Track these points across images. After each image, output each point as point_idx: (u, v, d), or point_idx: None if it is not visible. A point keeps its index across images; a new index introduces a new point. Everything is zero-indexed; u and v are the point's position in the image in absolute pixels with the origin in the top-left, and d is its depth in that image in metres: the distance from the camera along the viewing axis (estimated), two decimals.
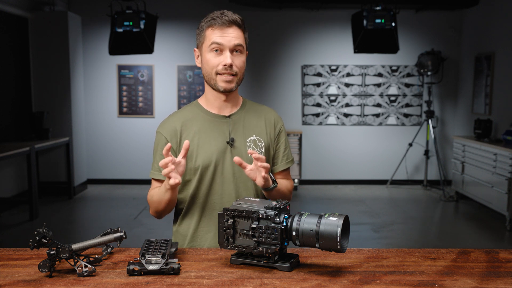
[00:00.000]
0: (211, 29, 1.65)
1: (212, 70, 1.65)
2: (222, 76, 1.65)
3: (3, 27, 5.98)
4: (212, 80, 1.67)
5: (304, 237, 1.35)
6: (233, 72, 1.65)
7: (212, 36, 1.64)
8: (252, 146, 1.73)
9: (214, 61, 1.64)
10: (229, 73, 1.64)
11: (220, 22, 1.63)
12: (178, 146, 1.69)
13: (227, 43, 1.63)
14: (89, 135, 7.33)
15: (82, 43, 7.03)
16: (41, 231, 1.36)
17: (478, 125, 6.09)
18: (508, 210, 5.14)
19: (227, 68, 1.63)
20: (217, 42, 1.63)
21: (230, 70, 1.64)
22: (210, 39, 1.64)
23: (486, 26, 6.61)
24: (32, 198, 5.41)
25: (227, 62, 1.62)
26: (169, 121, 1.74)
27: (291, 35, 7.34)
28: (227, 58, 1.62)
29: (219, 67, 1.64)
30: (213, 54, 1.64)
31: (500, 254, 1.57)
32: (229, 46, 1.63)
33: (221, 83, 1.66)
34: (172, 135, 1.70)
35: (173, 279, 1.33)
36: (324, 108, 7.41)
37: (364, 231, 5.08)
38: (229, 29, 1.64)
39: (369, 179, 7.49)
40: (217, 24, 1.64)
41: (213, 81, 1.67)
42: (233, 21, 1.65)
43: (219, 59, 1.64)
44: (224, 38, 1.63)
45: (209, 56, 1.65)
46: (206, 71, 1.67)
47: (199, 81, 7.32)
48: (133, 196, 6.65)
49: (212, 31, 1.64)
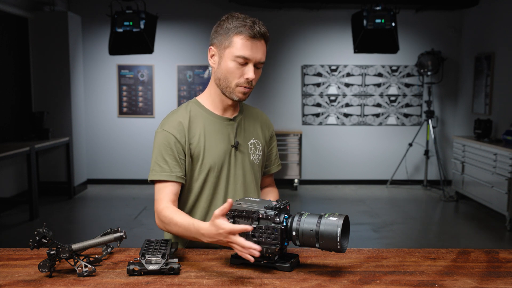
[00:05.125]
0: (241, 38, 1.56)
1: (233, 80, 1.60)
2: (241, 88, 1.61)
3: (3, 27, 5.98)
4: (228, 88, 1.62)
5: (304, 237, 1.36)
6: (252, 86, 1.63)
7: (241, 46, 1.56)
8: (253, 150, 1.74)
9: (237, 72, 1.59)
10: (249, 87, 1.62)
11: (252, 34, 1.56)
12: (185, 145, 1.63)
13: (254, 58, 1.58)
14: (89, 135, 7.33)
15: (82, 43, 7.03)
16: (41, 231, 1.36)
17: (478, 125, 6.09)
18: (508, 210, 5.14)
19: (249, 82, 1.61)
20: (245, 56, 1.56)
21: (250, 84, 1.61)
22: (238, 50, 1.56)
23: (486, 26, 6.61)
24: (32, 198, 5.41)
25: (251, 77, 1.59)
26: (173, 119, 1.66)
27: (291, 35, 7.33)
28: (252, 73, 1.58)
29: (241, 80, 1.60)
30: (236, 64, 1.58)
31: (500, 254, 1.57)
32: (255, 61, 1.59)
33: (238, 94, 1.62)
34: (181, 134, 1.63)
35: (173, 279, 1.33)
36: (324, 108, 7.41)
37: (364, 231, 5.08)
38: (259, 43, 1.58)
39: (369, 179, 7.49)
40: (248, 35, 1.56)
41: (229, 89, 1.62)
42: (263, 35, 1.59)
43: (242, 71, 1.59)
44: (253, 53, 1.57)
45: (232, 65, 1.58)
46: (225, 77, 1.61)
47: (199, 81, 7.32)
48: (133, 196, 6.65)
49: (242, 40, 1.56)
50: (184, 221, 1.48)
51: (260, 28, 1.58)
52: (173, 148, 1.61)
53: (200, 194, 1.67)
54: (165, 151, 1.61)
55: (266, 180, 1.89)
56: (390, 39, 5.70)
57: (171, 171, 1.59)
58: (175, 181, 1.60)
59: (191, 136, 1.64)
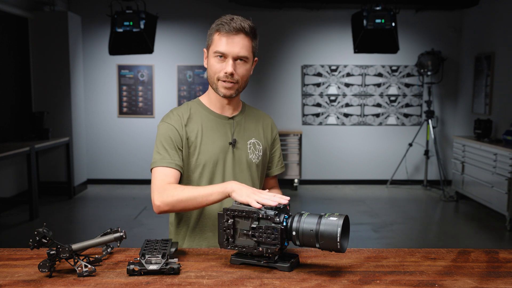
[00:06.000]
0: (218, 35, 1.63)
1: (214, 75, 1.66)
2: (223, 82, 1.66)
3: (3, 27, 5.98)
4: (213, 84, 1.69)
5: (304, 237, 1.36)
6: (233, 80, 1.65)
7: (218, 42, 1.63)
8: (252, 149, 1.76)
9: (216, 67, 1.65)
10: (230, 81, 1.65)
11: (228, 29, 1.61)
12: (183, 138, 1.68)
13: (230, 52, 1.62)
14: (89, 135, 7.33)
15: (82, 43, 7.03)
16: (41, 231, 1.36)
17: (478, 125, 6.09)
18: (508, 210, 5.14)
19: (228, 76, 1.64)
20: (220, 51, 1.62)
21: (231, 78, 1.64)
22: (216, 46, 1.63)
23: (486, 26, 6.61)
24: (32, 198, 5.41)
25: (228, 70, 1.62)
26: (174, 113, 1.72)
27: (291, 35, 7.34)
28: (229, 66, 1.62)
29: (221, 74, 1.64)
30: (216, 59, 1.64)
31: (500, 254, 1.57)
32: (233, 55, 1.62)
33: (221, 89, 1.67)
34: (180, 127, 1.68)
35: (173, 279, 1.33)
36: (324, 108, 7.41)
37: (364, 231, 5.08)
38: (236, 37, 1.62)
39: (369, 179, 7.49)
40: (224, 31, 1.61)
41: (214, 85, 1.69)
42: (240, 29, 1.62)
43: (222, 66, 1.64)
44: (229, 47, 1.61)
45: (213, 61, 1.65)
46: (209, 74, 1.69)
47: (199, 81, 7.32)
48: (133, 196, 6.65)
49: (219, 37, 1.63)
50: (199, 186, 1.56)
51: (236, 23, 1.61)
52: (173, 138, 1.67)
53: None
54: (165, 141, 1.66)
55: (269, 182, 1.91)
56: (390, 39, 5.70)
57: (171, 159, 1.64)
58: (175, 168, 1.64)
59: (189, 130, 1.69)
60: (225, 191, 1.49)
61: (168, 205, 1.54)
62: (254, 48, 1.69)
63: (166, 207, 1.55)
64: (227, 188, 1.49)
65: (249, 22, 1.66)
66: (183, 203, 1.53)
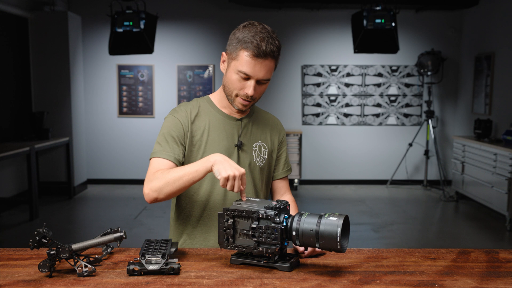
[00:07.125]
0: (246, 55, 1.56)
1: (234, 90, 1.63)
2: (241, 100, 1.63)
3: (3, 27, 5.98)
4: (230, 96, 1.65)
5: (304, 237, 1.36)
6: (252, 100, 1.64)
7: (243, 62, 1.56)
8: (257, 152, 1.75)
9: (237, 85, 1.61)
10: (248, 100, 1.64)
11: (257, 53, 1.55)
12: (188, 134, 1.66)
13: (255, 75, 1.58)
14: (89, 135, 7.33)
15: (82, 43, 7.03)
16: (41, 231, 1.36)
17: (478, 125, 6.09)
18: (508, 210, 5.14)
19: (248, 97, 1.62)
20: (247, 73, 1.57)
21: (250, 98, 1.63)
22: (241, 65, 1.57)
23: (486, 26, 6.61)
24: (32, 198, 5.41)
25: (250, 93, 1.60)
26: (182, 108, 1.70)
27: (291, 35, 7.34)
28: (251, 89, 1.59)
29: (241, 92, 1.61)
30: (239, 77, 1.59)
31: (500, 254, 1.57)
32: (257, 78, 1.59)
33: (238, 104, 1.65)
34: (187, 123, 1.66)
35: (173, 279, 1.33)
36: (324, 108, 7.41)
37: (364, 231, 5.08)
38: (264, 61, 1.57)
39: (369, 179, 7.49)
40: (252, 53, 1.55)
41: (230, 98, 1.65)
42: (269, 54, 1.58)
43: (243, 85, 1.60)
44: (255, 71, 1.57)
45: (235, 77, 1.60)
46: (228, 86, 1.64)
47: (199, 81, 7.32)
48: (133, 196, 6.65)
49: (246, 57, 1.56)
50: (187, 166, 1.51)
51: (267, 47, 1.56)
52: (177, 133, 1.65)
53: (199, 187, 1.70)
54: (169, 133, 1.64)
55: (280, 186, 1.86)
56: (390, 39, 5.70)
57: (171, 152, 1.62)
58: (172, 161, 1.60)
59: (195, 129, 1.68)
60: (207, 165, 1.46)
61: (156, 190, 1.50)
62: (276, 66, 1.66)
63: (154, 193, 1.51)
64: (210, 160, 1.46)
65: (277, 42, 1.61)
66: (169, 186, 1.49)
